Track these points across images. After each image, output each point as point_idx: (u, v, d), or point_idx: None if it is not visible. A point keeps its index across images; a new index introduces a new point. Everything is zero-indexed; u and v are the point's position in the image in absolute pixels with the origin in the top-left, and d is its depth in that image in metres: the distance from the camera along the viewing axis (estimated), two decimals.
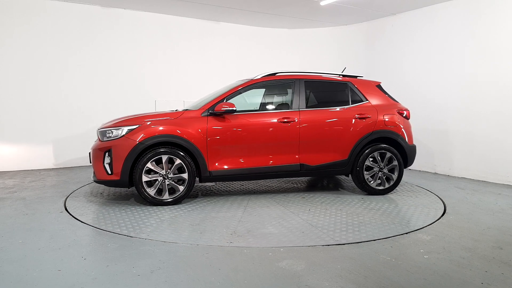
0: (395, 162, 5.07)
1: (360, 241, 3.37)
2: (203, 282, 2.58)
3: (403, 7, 6.97)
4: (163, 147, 4.37)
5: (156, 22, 7.66)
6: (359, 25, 8.18)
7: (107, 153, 4.34)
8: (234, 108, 4.55)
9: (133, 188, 5.00)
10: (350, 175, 5.15)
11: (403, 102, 7.27)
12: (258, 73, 5.16)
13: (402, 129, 5.14)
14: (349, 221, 3.93)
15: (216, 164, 4.56)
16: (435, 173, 6.74)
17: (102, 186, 5.33)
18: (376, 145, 5.02)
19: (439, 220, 4.01)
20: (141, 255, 3.01)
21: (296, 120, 4.78)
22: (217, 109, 4.54)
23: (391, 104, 5.29)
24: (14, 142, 6.62)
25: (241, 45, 8.59)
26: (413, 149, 5.25)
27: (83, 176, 6.14)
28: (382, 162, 5.04)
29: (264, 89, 5.31)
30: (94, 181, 4.50)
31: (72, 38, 6.93)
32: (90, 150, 4.64)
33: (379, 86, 5.42)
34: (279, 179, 6.03)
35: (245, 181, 5.80)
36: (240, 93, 4.78)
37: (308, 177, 6.16)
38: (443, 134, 6.63)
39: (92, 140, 5.04)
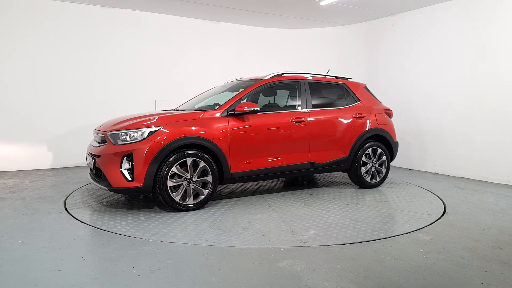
0: (384, 158, 5.56)
1: (360, 241, 3.37)
2: (203, 282, 2.58)
3: (403, 7, 6.97)
4: (187, 149, 4.16)
5: (156, 22, 7.65)
6: (359, 25, 8.19)
7: (125, 158, 3.98)
8: (258, 108, 4.53)
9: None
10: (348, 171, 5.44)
11: (403, 102, 7.31)
12: (256, 73, 5.21)
13: (390, 127, 5.67)
14: (379, 214, 4.19)
15: (237, 165, 4.48)
16: (435, 173, 6.74)
17: None
18: (370, 142, 5.43)
19: (439, 220, 4.01)
20: (141, 255, 3.01)
21: (307, 120, 4.96)
22: (239, 109, 4.45)
23: (379, 104, 5.76)
24: (14, 142, 6.61)
25: (241, 45, 8.59)
26: (397, 145, 5.80)
27: (83, 176, 6.14)
28: (374, 158, 5.46)
29: (271, 89, 5.30)
30: (109, 189, 4.06)
31: (72, 38, 6.92)
32: (93, 155, 4.30)
33: (366, 88, 5.82)
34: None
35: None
36: (254, 93, 4.82)
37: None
38: (443, 134, 6.63)
39: (92, 139, 4.98)
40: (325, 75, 5.53)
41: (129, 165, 3.99)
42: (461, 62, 6.32)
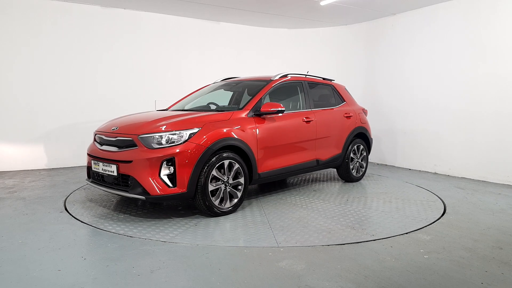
0: (365, 153, 6.07)
1: (360, 241, 3.37)
2: (203, 282, 2.58)
3: (403, 7, 6.97)
4: (225, 151, 4.03)
5: (156, 22, 7.65)
6: (359, 25, 8.18)
7: (164, 163, 3.69)
8: (284, 108, 4.52)
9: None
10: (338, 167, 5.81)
11: (403, 101, 7.32)
12: (254, 73, 5.18)
13: (368, 126, 6.15)
14: (398, 207, 4.31)
15: (263, 165, 4.47)
16: (435, 173, 6.74)
17: None
18: (355, 139, 5.85)
19: (439, 220, 4.01)
20: (141, 255, 3.01)
21: (313, 119, 5.16)
22: (265, 110, 4.42)
23: (357, 104, 6.17)
24: (14, 142, 6.61)
25: (241, 45, 8.58)
26: (372, 141, 6.30)
27: (83, 176, 6.14)
28: (358, 153, 5.92)
29: (280, 89, 5.29)
30: (146, 198, 3.69)
31: (72, 38, 6.92)
32: (115, 160, 3.88)
33: (346, 89, 6.16)
34: None
35: None
36: (269, 93, 4.85)
37: None
38: (443, 134, 6.63)
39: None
40: (306, 75, 5.58)
41: (170, 170, 3.70)
42: (461, 62, 6.31)
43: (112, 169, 3.90)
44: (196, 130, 3.89)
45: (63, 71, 6.90)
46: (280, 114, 4.65)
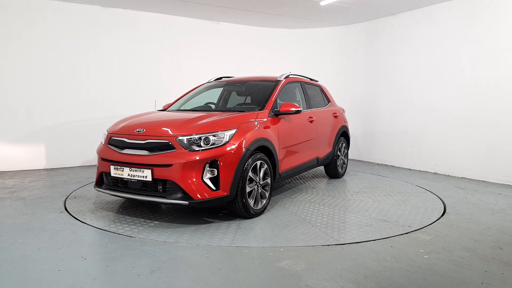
0: (346, 150, 6.40)
1: (360, 241, 3.37)
2: (203, 282, 2.58)
3: (403, 7, 6.97)
4: (257, 152, 3.99)
5: (156, 22, 7.65)
6: (359, 25, 8.18)
7: (207, 165, 3.56)
8: (301, 108, 4.57)
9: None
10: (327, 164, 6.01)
11: (403, 101, 7.32)
12: (253, 73, 5.16)
13: (348, 124, 6.44)
14: (402, 200, 4.40)
15: (282, 164, 4.52)
16: (435, 173, 6.74)
17: None
18: (340, 138, 6.12)
19: (439, 220, 4.01)
20: (141, 255, 3.01)
21: (314, 119, 5.30)
22: (284, 110, 4.44)
23: (336, 104, 6.37)
24: (14, 142, 6.61)
25: (241, 45, 8.59)
26: (350, 139, 6.61)
27: (83, 176, 6.14)
28: (342, 151, 6.23)
29: (285, 90, 5.33)
30: (190, 203, 3.50)
31: (72, 38, 6.92)
32: (149, 165, 3.61)
33: (327, 89, 6.37)
34: None
35: None
36: (281, 93, 4.84)
37: None
38: (443, 134, 6.63)
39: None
40: (291, 75, 5.50)
41: (213, 173, 3.59)
42: (461, 62, 6.31)
43: (145, 174, 3.61)
44: (234, 131, 3.80)
45: (63, 71, 6.89)
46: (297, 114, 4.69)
